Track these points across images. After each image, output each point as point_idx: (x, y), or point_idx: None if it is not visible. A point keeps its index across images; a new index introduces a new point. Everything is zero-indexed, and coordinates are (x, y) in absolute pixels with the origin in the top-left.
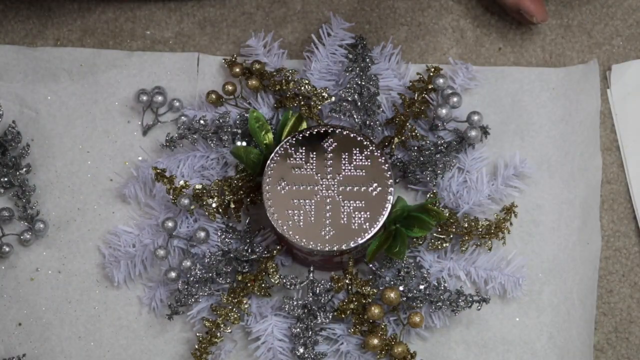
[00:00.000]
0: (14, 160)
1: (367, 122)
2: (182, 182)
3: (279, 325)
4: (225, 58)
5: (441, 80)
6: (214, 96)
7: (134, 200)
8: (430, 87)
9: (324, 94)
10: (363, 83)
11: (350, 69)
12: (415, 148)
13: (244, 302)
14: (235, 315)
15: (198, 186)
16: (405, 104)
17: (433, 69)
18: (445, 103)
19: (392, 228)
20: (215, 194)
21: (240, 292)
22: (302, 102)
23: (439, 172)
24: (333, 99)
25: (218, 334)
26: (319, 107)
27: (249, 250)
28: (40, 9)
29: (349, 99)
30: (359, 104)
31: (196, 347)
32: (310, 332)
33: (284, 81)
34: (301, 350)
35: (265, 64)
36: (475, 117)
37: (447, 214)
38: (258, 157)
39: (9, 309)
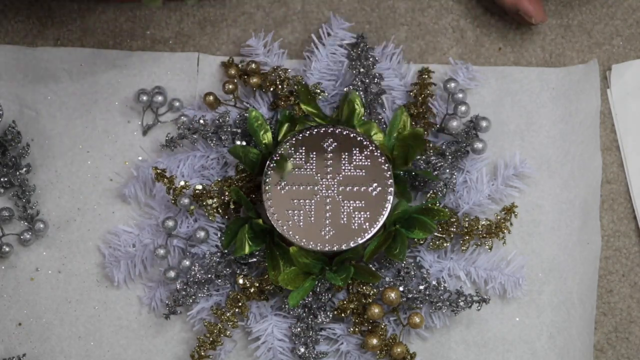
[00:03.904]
0: (14, 160)
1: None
2: (182, 183)
3: (279, 325)
4: (224, 61)
5: (452, 85)
6: (211, 98)
7: (134, 200)
8: (428, 91)
9: (317, 90)
10: (367, 81)
11: (354, 66)
12: (423, 159)
13: (247, 306)
14: (235, 320)
15: (198, 187)
16: (411, 111)
17: (426, 73)
18: (454, 114)
19: (392, 229)
20: (215, 194)
21: (243, 299)
22: (296, 101)
23: (450, 186)
24: (326, 93)
25: (219, 340)
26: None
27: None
28: (40, 9)
29: None
30: (363, 101)
31: (195, 349)
32: (311, 332)
33: (277, 80)
34: (302, 349)
35: (261, 64)
36: (484, 124)
37: (448, 213)
38: (257, 157)
39: (9, 309)
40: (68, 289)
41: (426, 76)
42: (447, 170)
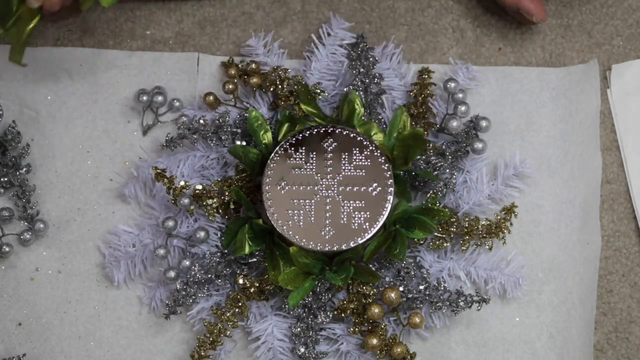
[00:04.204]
0: (14, 160)
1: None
2: (182, 183)
3: (279, 325)
4: (224, 61)
5: (452, 85)
6: (211, 98)
7: (134, 200)
8: (428, 91)
9: (317, 90)
10: (367, 81)
11: (354, 66)
12: (423, 159)
13: (247, 306)
14: (235, 320)
15: (198, 187)
16: (411, 111)
17: (426, 73)
18: (454, 114)
19: (392, 229)
20: (215, 194)
21: (243, 299)
22: (296, 101)
23: (450, 186)
24: (326, 93)
25: (219, 340)
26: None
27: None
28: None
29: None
30: (363, 101)
31: (195, 349)
32: (311, 332)
33: (277, 80)
34: (302, 349)
35: (261, 64)
36: (484, 124)
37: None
38: (257, 157)
39: (9, 309)
40: (68, 289)
41: (426, 76)
42: (447, 170)
